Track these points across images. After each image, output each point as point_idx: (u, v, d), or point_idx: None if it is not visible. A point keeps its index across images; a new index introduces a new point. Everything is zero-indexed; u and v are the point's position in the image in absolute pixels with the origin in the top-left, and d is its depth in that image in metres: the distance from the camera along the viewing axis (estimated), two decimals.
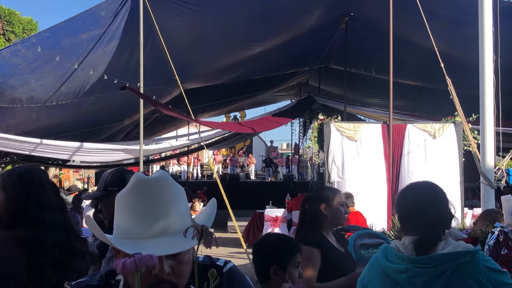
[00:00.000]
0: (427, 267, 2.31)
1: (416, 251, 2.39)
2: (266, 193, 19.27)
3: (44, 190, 2.65)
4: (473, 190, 14.07)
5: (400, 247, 2.46)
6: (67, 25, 10.00)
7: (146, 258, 1.20)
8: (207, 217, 1.74)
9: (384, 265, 2.50)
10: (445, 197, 2.52)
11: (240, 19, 11.50)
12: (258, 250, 3.05)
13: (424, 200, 2.50)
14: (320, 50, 15.44)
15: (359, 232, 4.44)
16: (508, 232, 3.37)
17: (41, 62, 10.09)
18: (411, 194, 2.58)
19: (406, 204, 2.56)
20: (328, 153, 10.34)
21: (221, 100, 17.43)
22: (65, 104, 11.38)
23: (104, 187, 3.38)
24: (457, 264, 2.27)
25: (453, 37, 11.27)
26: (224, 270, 1.84)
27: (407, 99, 16.29)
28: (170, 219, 1.57)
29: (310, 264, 3.65)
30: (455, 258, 2.28)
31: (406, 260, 2.38)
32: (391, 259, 2.46)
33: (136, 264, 1.19)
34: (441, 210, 2.46)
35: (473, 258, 2.27)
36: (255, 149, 36.37)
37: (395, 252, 2.46)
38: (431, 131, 10.34)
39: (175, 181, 1.67)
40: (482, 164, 6.49)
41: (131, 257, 1.20)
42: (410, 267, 2.35)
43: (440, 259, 2.30)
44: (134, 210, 1.57)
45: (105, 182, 3.39)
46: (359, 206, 9.00)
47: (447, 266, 2.27)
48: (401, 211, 2.58)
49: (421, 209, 2.48)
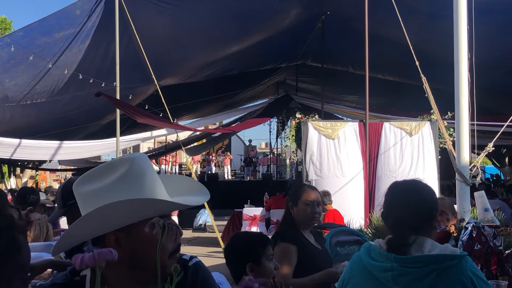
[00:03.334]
0: (412, 267, 2.30)
1: (391, 250, 2.38)
2: (244, 192, 19.24)
3: None
4: (449, 187, 14.17)
5: (383, 245, 2.45)
6: (42, 24, 9.92)
7: (105, 253, 1.17)
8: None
9: (367, 263, 2.47)
10: (425, 197, 2.50)
11: (217, 18, 11.49)
12: (230, 251, 3.03)
13: (398, 200, 2.50)
14: (297, 48, 15.50)
15: (335, 229, 4.45)
16: (481, 227, 3.39)
17: (15, 62, 10.00)
18: (387, 193, 2.58)
19: (384, 202, 2.57)
20: (306, 151, 10.34)
21: (199, 99, 17.36)
22: (40, 103, 11.29)
23: (63, 204, 3.33)
24: (443, 267, 2.26)
25: (430, 32, 11.36)
26: (189, 264, 1.83)
27: (384, 95, 16.39)
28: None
29: (286, 260, 3.64)
30: (442, 260, 2.27)
31: (392, 259, 2.35)
32: (375, 257, 2.44)
33: (95, 259, 1.16)
34: (408, 210, 2.43)
35: (460, 263, 2.27)
36: (234, 148, 36.41)
37: (379, 251, 2.43)
38: (407, 129, 10.39)
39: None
40: (458, 161, 6.52)
41: (90, 252, 1.17)
42: (395, 266, 2.33)
43: (426, 260, 2.28)
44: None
45: (62, 198, 3.34)
46: (336, 204, 9.03)
47: (433, 268, 2.26)
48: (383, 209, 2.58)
49: (393, 208, 2.49)
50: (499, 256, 3.28)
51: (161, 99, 11.01)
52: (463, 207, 6.37)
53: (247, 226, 13.45)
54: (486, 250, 3.30)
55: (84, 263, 1.16)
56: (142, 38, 10.19)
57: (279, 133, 25.87)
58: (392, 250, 2.39)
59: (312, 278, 3.64)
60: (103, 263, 1.18)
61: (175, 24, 11.08)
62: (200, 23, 11.33)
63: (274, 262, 2.98)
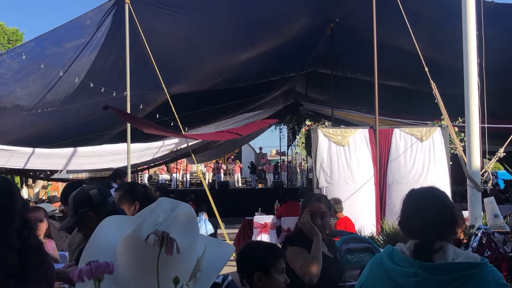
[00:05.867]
0: (437, 274, 2.29)
1: (415, 256, 2.37)
2: (255, 200, 19.19)
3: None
4: (461, 193, 14.07)
5: (405, 251, 2.44)
6: (53, 34, 9.98)
7: (102, 266, 1.17)
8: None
9: (390, 267, 2.45)
10: (444, 203, 2.51)
11: (226, 26, 11.53)
12: (241, 259, 3.05)
13: (417, 205, 2.50)
14: (306, 55, 15.51)
15: (345, 236, 4.44)
16: (490, 233, 3.37)
17: (27, 72, 10.08)
18: (408, 199, 2.58)
19: (404, 208, 2.56)
20: (316, 158, 10.32)
21: (209, 107, 17.39)
22: (51, 112, 11.35)
23: (74, 212, 3.34)
24: (467, 275, 2.26)
25: (439, 38, 11.32)
26: (222, 287, 1.84)
27: (394, 102, 16.31)
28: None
29: (300, 257, 3.64)
30: (466, 268, 2.27)
31: (416, 265, 2.34)
32: (398, 262, 2.43)
33: (92, 272, 1.16)
34: (435, 216, 2.43)
35: (482, 270, 2.26)
36: (244, 156, 36.39)
37: (402, 256, 2.42)
38: (418, 135, 10.35)
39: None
40: (469, 167, 6.49)
41: (87, 265, 1.17)
42: (420, 272, 2.32)
43: (452, 268, 2.28)
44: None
45: (74, 207, 3.35)
46: (347, 211, 9.01)
47: (457, 276, 2.26)
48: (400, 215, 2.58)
49: (418, 213, 2.48)
50: (510, 262, 3.26)
51: (171, 108, 11.03)
52: (475, 213, 6.34)
53: (258, 234, 13.41)
54: (496, 256, 3.28)
55: (82, 276, 1.15)
56: (151, 47, 10.23)
57: (290, 141, 25.86)
58: (417, 256, 2.38)
59: (313, 251, 3.66)
60: (101, 276, 1.17)
61: (185, 32, 11.11)
62: (210, 31, 11.37)
63: (285, 277, 2.97)
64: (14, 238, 1.66)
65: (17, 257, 1.64)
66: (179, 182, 29.43)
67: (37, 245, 1.79)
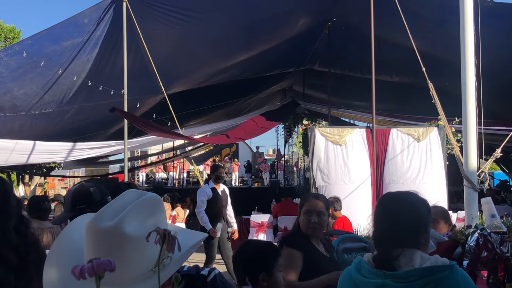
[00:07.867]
0: (406, 282, 2.23)
1: (377, 266, 2.33)
2: (252, 199, 19.19)
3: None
4: (458, 193, 14.10)
5: (372, 261, 2.39)
6: (50, 32, 9.95)
7: (104, 263, 1.17)
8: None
9: (358, 280, 2.40)
10: (414, 211, 2.41)
11: (225, 28, 11.51)
12: (241, 259, 2.99)
13: (384, 213, 2.46)
14: (304, 53, 15.52)
15: (342, 236, 4.43)
16: (487, 234, 3.37)
17: (24, 70, 10.04)
18: (378, 205, 2.54)
19: (373, 215, 2.53)
20: (313, 158, 10.32)
21: (206, 105, 17.39)
22: (48, 113, 11.31)
23: (71, 207, 3.29)
24: (436, 279, 2.20)
25: (436, 37, 11.32)
26: (208, 279, 1.84)
27: (392, 100, 16.31)
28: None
29: (291, 265, 3.63)
30: (432, 272, 2.22)
31: (382, 276, 2.29)
32: (365, 274, 2.38)
33: (94, 269, 1.17)
34: (399, 224, 2.36)
35: (452, 274, 2.21)
36: (241, 155, 36.41)
37: (368, 267, 2.37)
38: (415, 135, 10.36)
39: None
40: (465, 167, 6.50)
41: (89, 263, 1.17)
42: (387, 282, 2.27)
43: (418, 274, 2.22)
44: None
45: (71, 202, 3.30)
46: (344, 210, 9.01)
47: (426, 281, 2.21)
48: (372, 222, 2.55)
49: (378, 221, 2.45)
50: (506, 263, 3.27)
51: (168, 107, 11.02)
52: (471, 213, 6.35)
53: (254, 233, 13.41)
54: (493, 257, 3.28)
55: (84, 273, 1.16)
56: (150, 46, 10.21)
57: (286, 140, 25.86)
58: (381, 266, 2.33)
59: (319, 279, 3.63)
60: (103, 273, 1.18)
61: (183, 33, 11.10)
62: (208, 32, 11.36)
63: (282, 274, 2.97)
64: (12, 235, 1.70)
65: (16, 254, 1.68)
66: (176, 181, 29.39)
67: (34, 241, 1.82)
